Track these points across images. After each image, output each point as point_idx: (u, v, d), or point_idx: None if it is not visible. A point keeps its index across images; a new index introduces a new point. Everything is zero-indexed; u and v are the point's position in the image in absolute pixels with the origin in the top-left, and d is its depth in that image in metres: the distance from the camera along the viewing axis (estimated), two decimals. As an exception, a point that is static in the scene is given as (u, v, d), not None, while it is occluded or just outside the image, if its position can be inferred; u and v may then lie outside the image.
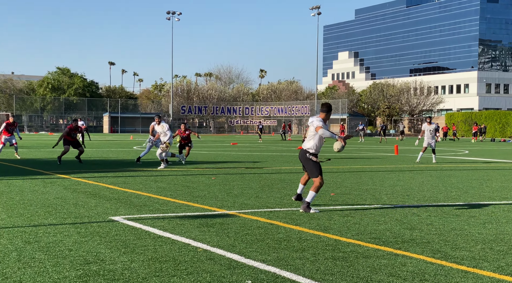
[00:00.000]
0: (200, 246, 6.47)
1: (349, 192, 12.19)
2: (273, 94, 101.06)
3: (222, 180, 14.26)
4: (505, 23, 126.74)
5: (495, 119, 77.89)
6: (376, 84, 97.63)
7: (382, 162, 22.64)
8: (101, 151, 28.51)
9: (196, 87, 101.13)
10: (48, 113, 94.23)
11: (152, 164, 20.10)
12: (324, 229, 7.80)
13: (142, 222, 8.00)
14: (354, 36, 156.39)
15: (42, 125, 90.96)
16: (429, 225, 8.28)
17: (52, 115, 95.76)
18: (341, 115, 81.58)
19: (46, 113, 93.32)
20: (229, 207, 9.67)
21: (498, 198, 11.59)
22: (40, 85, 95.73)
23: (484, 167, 20.41)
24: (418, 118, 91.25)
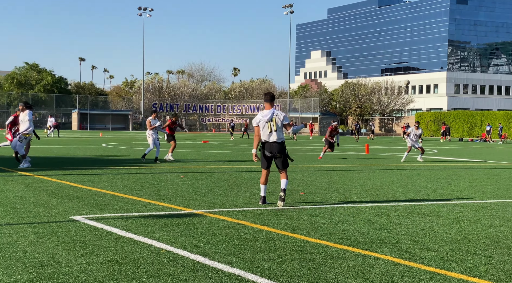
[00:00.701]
0: (164, 247, 6.25)
1: (319, 191, 12.08)
2: (245, 93, 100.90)
3: (191, 178, 14.02)
4: (474, 24, 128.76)
5: (463, 119, 79.01)
6: (348, 84, 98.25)
7: (353, 161, 22.65)
8: (68, 148, 27.97)
9: (168, 84, 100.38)
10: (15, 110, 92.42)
11: (119, 161, 19.74)
12: (292, 229, 7.65)
13: (104, 221, 7.73)
14: (326, 35, 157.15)
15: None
16: (398, 224, 8.20)
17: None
18: (313, 114, 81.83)
19: (12, 109, 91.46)
20: (196, 206, 9.46)
21: (466, 197, 11.60)
22: (6, 80, 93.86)
23: (452, 166, 20.56)
24: (389, 118, 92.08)
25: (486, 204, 10.67)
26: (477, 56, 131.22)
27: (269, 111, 9.76)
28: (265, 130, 9.69)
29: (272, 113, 9.72)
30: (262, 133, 9.73)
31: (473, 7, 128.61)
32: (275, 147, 9.66)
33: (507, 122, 72.18)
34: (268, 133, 9.69)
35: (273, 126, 9.65)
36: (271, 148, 9.68)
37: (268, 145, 9.70)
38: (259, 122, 9.74)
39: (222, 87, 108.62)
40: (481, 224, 8.44)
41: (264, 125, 9.68)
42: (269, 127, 9.66)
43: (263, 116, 9.74)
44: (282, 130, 9.75)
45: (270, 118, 9.67)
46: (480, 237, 7.44)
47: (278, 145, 9.67)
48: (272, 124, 9.66)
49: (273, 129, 9.66)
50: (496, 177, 16.53)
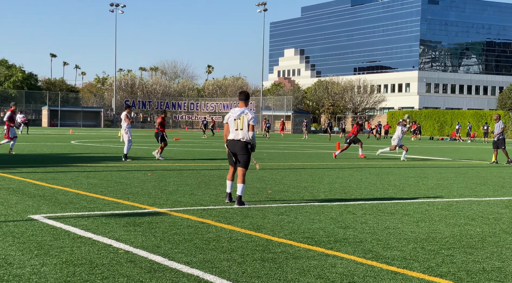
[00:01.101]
0: (122, 247, 6.09)
1: (287, 189, 12.01)
2: (218, 90, 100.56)
3: (158, 176, 13.84)
4: (445, 24, 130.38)
5: (434, 118, 79.98)
6: (321, 82, 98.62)
7: (323, 159, 22.67)
8: (36, 145, 27.47)
9: (140, 81, 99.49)
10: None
11: (86, 159, 19.42)
12: (257, 228, 7.55)
13: (63, 221, 7.53)
14: (300, 33, 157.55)
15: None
16: (363, 223, 8.16)
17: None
18: (286, 112, 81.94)
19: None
20: (161, 204, 9.30)
21: (433, 195, 11.65)
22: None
23: (421, 165, 20.71)
24: (362, 116, 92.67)
25: (452, 202, 10.72)
26: (448, 56, 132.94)
27: (239, 109, 9.75)
28: (232, 127, 9.66)
29: (242, 111, 9.69)
30: (230, 131, 9.71)
31: (444, 7, 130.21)
32: (238, 146, 9.59)
33: (477, 121, 73.27)
34: (234, 131, 9.64)
35: (240, 125, 9.60)
36: (234, 146, 9.62)
37: (232, 143, 9.64)
38: (229, 119, 9.74)
39: (195, 84, 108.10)
40: (446, 222, 8.46)
41: (232, 122, 9.66)
42: (236, 125, 9.61)
43: (232, 113, 9.75)
44: (248, 130, 9.62)
45: (239, 116, 9.64)
46: (444, 235, 7.44)
47: (241, 143, 9.58)
48: (239, 122, 9.61)
49: (239, 127, 9.60)
50: (463, 175, 16.69)
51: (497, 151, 22.50)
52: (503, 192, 12.62)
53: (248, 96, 9.91)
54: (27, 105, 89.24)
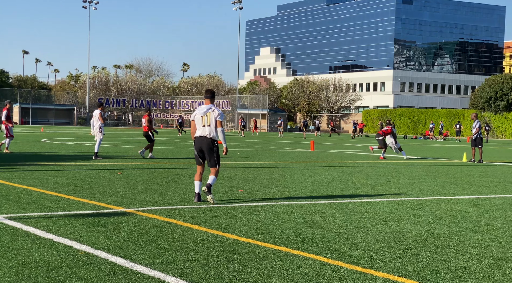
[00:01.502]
0: (83, 248, 5.94)
1: (258, 188, 11.93)
2: (194, 88, 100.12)
3: (128, 175, 13.65)
4: (419, 24, 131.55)
5: (408, 117, 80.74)
6: (297, 81, 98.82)
7: (297, 158, 22.65)
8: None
9: (114, 79, 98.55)
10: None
11: (55, 157, 19.09)
12: (225, 228, 7.45)
13: (24, 221, 7.33)
14: (276, 32, 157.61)
15: None
16: (332, 223, 8.11)
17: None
18: (261, 110, 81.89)
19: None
20: (128, 204, 9.14)
21: (403, 194, 11.67)
22: None
23: (393, 163, 20.81)
24: (337, 115, 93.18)
25: (421, 201, 10.75)
26: (422, 55, 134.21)
27: (206, 106, 9.75)
28: (199, 124, 9.63)
29: (208, 108, 9.69)
30: (197, 128, 9.69)
31: (418, 7, 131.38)
32: (205, 142, 9.57)
33: (449, 120, 74.14)
34: (201, 127, 9.61)
35: (207, 121, 9.57)
36: (201, 143, 9.59)
37: (198, 140, 9.61)
38: (195, 116, 9.72)
39: (171, 82, 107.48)
40: (414, 221, 8.46)
41: (199, 119, 9.65)
42: (203, 121, 9.59)
43: (199, 111, 9.73)
44: (215, 127, 9.61)
45: (205, 112, 9.64)
46: (411, 234, 7.42)
47: (208, 140, 9.57)
48: (206, 118, 9.60)
49: (206, 124, 9.59)
50: (434, 174, 16.80)
51: (475, 149, 22.71)
52: (472, 191, 12.71)
53: (213, 94, 9.97)
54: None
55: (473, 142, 22.60)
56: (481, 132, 22.73)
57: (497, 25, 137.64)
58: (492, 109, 73.41)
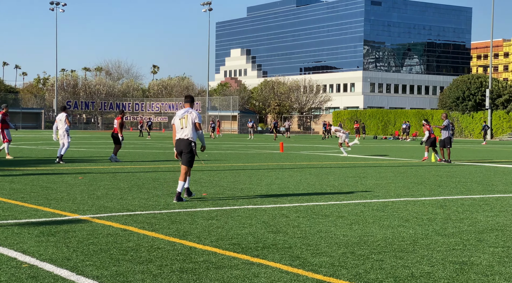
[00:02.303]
0: (28, 260, 5.58)
1: (223, 191, 11.64)
2: (164, 91, 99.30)
3: (90, 180, 13.22)
4: (388, 25, 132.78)
5: (378, 118, 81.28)
6: (267, 82, 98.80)
7: (265, 159, 22.41)
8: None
9: (83, 82, 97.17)
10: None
11: (16, 163, 18.50)
12: (183, 234, 7.15)
13: (-31, 232, 6.92)
14: (246, 33, 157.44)
15: None
16: (296, 227, 7.87)
17: None
18: (232, 112, 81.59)
19: None
20: (84, 211, 8.76)
21: (370, 196, 11.51)
22: None
23: (362, 164, 20.72)
24: (307, 116, 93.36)
25: (388, 203, 10.58)
26: (391, 56, 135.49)
27: (184, 109, 10.31)
28: (178, 127, 10.10)
29: (186, 111, 10.20)
30: (176, 131, 10.16)
31: (387, 8, 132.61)
32: (183, 143, 10.01)
33: (418, 120, 74.80)
34: (180, 129, 10.06)
35: (185, 123, 10.04)
36: (180, 145, 10.06)
37: (178, 142, 10.08)
38: (174, 120, 10.23)
39: (140, 84, 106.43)
40: (380, 224, 8.27)
41: (177, 122, 10.14)
42: (181, 123, 10.06)
43: (177, 114, 10.30)
44: (193, 129, 10.07)
45: (183, 115, 10.14)
46: (376, 239, 7.22)
47: (185, 141, 10.00)
48: (184, 121, 10.06)
49: (184, 126, 10.04)
50: (402, 174, 16.72)
51: (443, 150, 22.73)
52: (439, 191, 12.61)
53: (193, 99, 10.59)
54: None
55: (441, 142, 22.64)
56: (450, 132, 22.79)
57: (464, 27, 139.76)
58: (460, 109, 74.34)
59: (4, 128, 20.17)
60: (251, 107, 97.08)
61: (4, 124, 20.19)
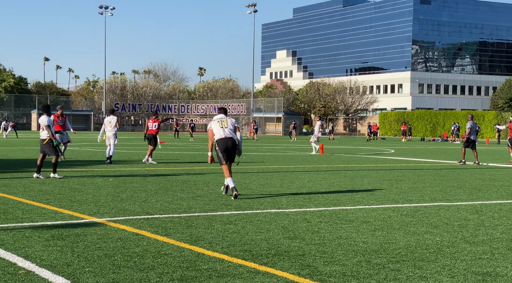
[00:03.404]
0: (27, 266, 5.46)
1: (250, 194, 11.40)
2: (209, 92, 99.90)
3: (119, 182, 13.20)
4: (437, 24, 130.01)
5: (426, 119, 79.47)
6: (313, 83, 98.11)
7: (302, 162, 22.05)
8: (11, 150, 26.76)
9: (130, 84, 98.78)
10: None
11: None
12: (195, 240, 6.93)
13: (-20, 234, 6.89)
14: (292, 35, 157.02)
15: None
16: (315, 233, 7.55)
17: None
18: (276, 114, 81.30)
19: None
20: (102, 213, 8.67)
21: (402, 200, 11.05)
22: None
23: (401, 167, 20.11)
24: (353, 118, 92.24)
25: (419, 207, 10.11)
26: (441, 56, 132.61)
27: (220, 115, 11.13)
28: (217, 127, 10.72)
29: (224, 117, 11.05)
30: (215, 133, 10.72)
31: (436, 7, 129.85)
32: (230, 142, 10.66)
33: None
34: (220, 129, 10.68)
35: (225, 124, 10.77)
36: (227, 142, 10.64)
37: (223, 140, 10.62)
38: (212, 123, 10.85)
39: (186, 86, 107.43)
40: (405, 230, 7.85)
41: (216, 124, 10.78)
42: (220, 124, 10.72)
43: (216, 118, 11.00)
44: (233, 131, 10.85)
45: (221, 119, 10.90)
46: (397, 246, 6.82)
47: (232, 140, 10.69)
48: (224, 122, 10.80)
49: (224, 126, 10.73)
50: (442, 177, 16.09)
51: (465, 150, 22.36)
52: (478, 196, 12.02)
53: (226, 111, 11.45)
54: (16, 109, 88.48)
55: (465, 143, 22.18)
56: (473, 134, 22.31)
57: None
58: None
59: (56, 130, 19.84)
60: (296, 109, 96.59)
61: (56, 126, 19.92)
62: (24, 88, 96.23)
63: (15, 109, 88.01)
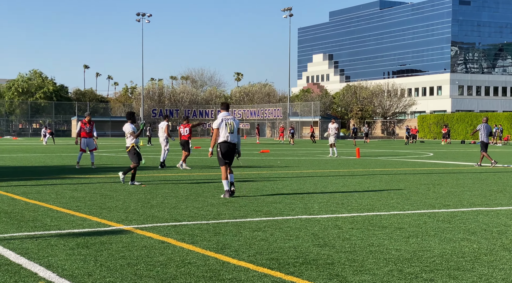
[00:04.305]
0: (48, 275, 5.37)
1: (281, 200, 11.18)
2: (245, 97, 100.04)
3: (151, 188, 13.17)
4: (477, 25, 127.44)
5: (467, 121, 77.77)
6: (349, 87, 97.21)
7: (338, 166, 21.70)
8: (49, 156, 27.15)
9: (167, 90, 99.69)
10: (16, 118, 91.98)
11: (89, 170, 18.85)
12: (221, 248, 6.76)
13: (7, 243, 6.81)
14: (328, 38, 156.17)
15: (8, 129, 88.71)
16: (346, 240, 7.30)
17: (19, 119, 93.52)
18: (313, 118, 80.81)
19: (13, 117, 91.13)
20: (131, 220, 8.59)
21: (439, 205, 10.67)
22: (8, 88, 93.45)
23: (440, 170, 19.59)
24: (391, 121, 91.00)
25: (457, 213, 9.73)
26: (481, 57, 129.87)
27: (225, 114, 11.61)
28: (225, 131, 11.35)
29: (229, 117, 11.56)
30: (221, 135, 11.36)
31: (476, 7, 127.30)
32: (232, 147, 11.45)
33: (511, 123, 70.92)
34: (227, 133, 11.33)
35: (232, 128, 11.42)
36: (229, 147, 11.40)
37: (227, 145, 11.35)
38: (221, 123, 11.37)
39: (223, 91, 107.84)
40: (441, 237, 7.53)
41: (224, 127, 11.37)
42: (229, 128, 11.34)
43: (224, 117, 11.46)
44: (238, 135, 11.56)
45: (228, 121, 11.45)
46: (432, 254, 6.52)
47: (233, 145, 11.48)
48: (231, 125, 11.42)
49: (231, 131, 11.40)
50: (482, 181, 15.56)
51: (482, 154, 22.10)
52: (519, 200, 11.54)
53: (228, 106, 11.95)
54: (57, 116, 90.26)
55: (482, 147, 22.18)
56: (485, 137, 22.17)
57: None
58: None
59: (82, 137, 19.92)
60: (333, 112, 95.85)
61: (83, 133, 19.92)
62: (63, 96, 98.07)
63: (56, 116, 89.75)
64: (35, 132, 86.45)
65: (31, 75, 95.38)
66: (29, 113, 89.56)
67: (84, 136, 19.86)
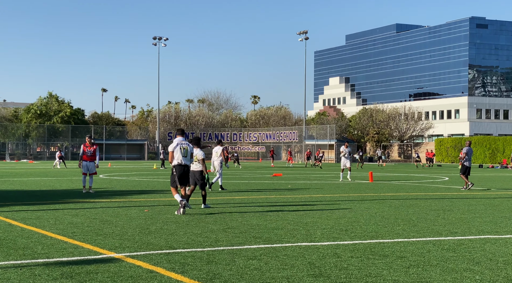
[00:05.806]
0: (22, 306, 5.15)
1: (284, 226, 10.90)
2: (261, 120, 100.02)
3: (154, 212, 12.95)
4: (495, 48, 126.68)
5: (485, 145, 76.78)
6: (366, 110, 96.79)
7: (349, 190, 21.32)
8: (59, 180, 27.12)
9: (184, 113, 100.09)
10: (33, 141, 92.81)
11: (95, 195, 18.70)
12: (211, 278, 6.50)
13: (-11, 271, 6.67)
14: (345, 61, 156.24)
15: (25, 153, 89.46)
16: (343, 269, 7.00)
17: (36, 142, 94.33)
18: (329, 141, 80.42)
19: (30, 140, 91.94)
20: (124, 248, 8.36)
21: (446, 232, 10.31)
22: (26, 112, 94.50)
23: (453, 196, 19.13)
24: (408, 144, 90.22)
25: (463, 241, 9.37)
26: (499, 81, 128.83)
27: (180, 139, 13.08)
28: (179, 154, 12.86)
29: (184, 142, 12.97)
30: (176, 158, 12.80)
31: (493, 31, 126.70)
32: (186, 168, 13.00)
33: (530, 147, 69.82)
34: (181, 157, 12.84)
35: (185, 152, 12.90)
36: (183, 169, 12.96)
37: (181, 167, 12.86)
38: (175, 148, 12.84)
39: (239, 114, 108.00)
40: (443, 267, 7.19)
41: (179, 151, 12.84)
42: (182, 152, 12.85)
43: (179, 142, 12.93)
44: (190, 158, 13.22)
45: (182, 145, 12.92)
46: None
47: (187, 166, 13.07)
48: (184, 150, 12.89)
49: (184, 155, 12.87)
50: (495, 208, 15.12)
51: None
52: (531, 228, 11.11)
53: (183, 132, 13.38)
54: (73, 139, 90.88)
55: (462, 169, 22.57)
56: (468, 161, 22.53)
57: None
58: None
59: (83, 160, 19.52)
60: (349, 135, 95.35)
61: (84, 156, 19.71)
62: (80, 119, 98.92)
63: (72, 139, 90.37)
64: (51, 156, 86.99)
65: (48, 99, 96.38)
66: (46, 137, 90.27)
67: (85, 160, 19.51)
